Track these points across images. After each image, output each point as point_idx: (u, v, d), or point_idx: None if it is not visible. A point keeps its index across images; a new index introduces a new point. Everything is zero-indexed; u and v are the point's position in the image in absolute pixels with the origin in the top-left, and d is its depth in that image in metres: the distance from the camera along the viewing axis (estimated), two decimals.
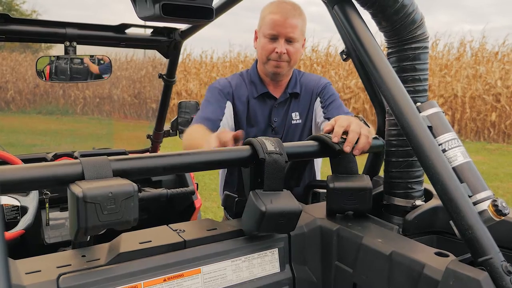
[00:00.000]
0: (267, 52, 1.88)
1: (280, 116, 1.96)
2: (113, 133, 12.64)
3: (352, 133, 1.28)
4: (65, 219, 2.46)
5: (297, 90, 1.98)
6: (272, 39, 1.85)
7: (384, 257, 1.09)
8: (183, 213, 2.72)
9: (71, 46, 2.14)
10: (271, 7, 1.87)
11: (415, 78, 1.32)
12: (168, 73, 2.70)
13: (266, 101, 1.97)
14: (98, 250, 1.03)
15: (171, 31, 2.46)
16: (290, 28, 1.83)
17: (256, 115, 1.96)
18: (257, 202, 1.09)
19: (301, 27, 1.87)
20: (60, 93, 15.37)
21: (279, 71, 1.90)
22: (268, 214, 1.07)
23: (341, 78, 13.51)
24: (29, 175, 0.92)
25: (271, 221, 1.09)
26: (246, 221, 1.14)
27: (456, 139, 1.12)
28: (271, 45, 1.86)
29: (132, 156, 1.06)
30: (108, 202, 0.89)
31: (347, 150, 1.26)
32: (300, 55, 1.95)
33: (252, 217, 1.10)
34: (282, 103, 1.97)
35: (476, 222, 0.98)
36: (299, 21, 1.85)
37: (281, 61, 1.87)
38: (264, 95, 1.96)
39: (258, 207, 1.08)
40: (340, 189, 1.26)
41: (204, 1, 1.02)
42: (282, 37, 1.84)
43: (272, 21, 1.83)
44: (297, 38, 1.86)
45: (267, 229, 1.13)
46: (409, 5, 1.22)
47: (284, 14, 1.82)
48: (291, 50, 1.86)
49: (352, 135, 1.28)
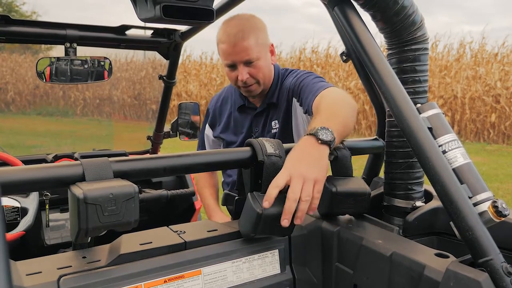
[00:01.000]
0: (232, 81, 1.84)
1: (260, 126, 1.93)
2: (113, 134, 12.64)
3: (289, 201, 1.04)
4: (65, 220, 2.46)
5: (274, 100, 1.90)
6: (231, 67, 1.80)
7: (385, 258, 1.09)
8: (184, 214, 2.72)
9: (72, 47, 2.14)
10: (220, 34, 1.80)
11: (415, 79, 1.32)
12: (168, 75, 2.70)
13: (247, 111, 1.96)
14: (99, 251, 1.03)
15: (171, 33, 2.46)
16: (242, 53, 1.74)
17: (239, 126, 1.97)
18: (254, 204, 1.07)
19: (256, 43, 1.76)
20: (60, 94, 15.37)
21: (252, 94, 1.86)
22: (264, 217, 1.06)
23: (341, 79, 13.52)
24: (30, 177, 0.92)
25: (267, 224, 1.07)
26: (243, 223, 1.12)
27: (456, 140, 1.12)
28: (233, 74, 1.80)
29: (132, 158, 1.07)
30: (109, 204, 0.90)
31: (285, 225, 1.04)
32: (268, 67, 1.85)
33: (249, 220, 1.09)
34: (261, 113, 1.93)
35: (476, 223, 0.98)
36: (251, 39, 1.74)
37: (249, 86, 1.81)
38: (243, 106, 1.95)
39: (254, 209, 1.06)
40: (342, 194, 1.22)
41: (205, 2, 1.02)
42: (239, 63, 1.76)
43: (223, 51, 1.77)
44: (254, 57, 1.76)
45: (264, 232, 1.10)
46: (409, 6, 1.22)
47: (232, 41, 1.73)
48: (253, 71, 1.78)
49: (288, 205, 1.03)
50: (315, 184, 1.07)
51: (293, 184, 1.05)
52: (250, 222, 1.08)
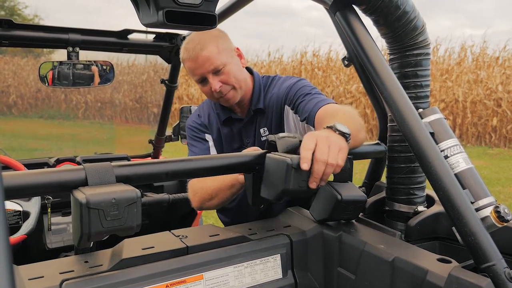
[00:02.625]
0: (208, 95, 1.78)
1: (250, 137, 1.85)
2: (115, 137, 12.65)
3: (318, 164, 1.09)
4: (67, 224, 2.46)
5: (261, 106, 1.81)
6: (202, 83, 1.74)
7: (387, 263, 1.09)
8: (185, 218, 2.72)
9: (74, 51, 2.15)
10: (181, 54, 1.74)
11: (417, 84, 1.32)
12: (170, 78, 2.71)
13: (234, 123, 1.87)
14: (101, 256, 1.03)
15: (173, 37, 2.47)
16: (206, 63, 1.67)
17: (229, 140, 1.88)
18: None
19: (217, 50, 1.69)
20: (62, 97, 15.39)
21: (231, 102, 1.77)
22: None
23: (342, 83, 13.52)
24: (33, 181, 0.93)
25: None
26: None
27: (458, 145, 1.12)
28: (206, 88, 1.74)
29: (135, 162, 1.07)
30: (111, 208, 0.90)
31: (313, 187, 1.11)
32: (239, 70, 1.77)
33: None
34: (248, 122, 1.84)
35: (479, 229, 0.98)
36: (210, 47, 1.67)
37: (225, 94, 1.73)
38: (229, 119, 1.86)
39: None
40: (346, 202, 1.20)
41: (207, 8, 1.03)
42: (207, 74, 1.69)
43: (188, 69, 1.73)
44: (220, 64, 1.68)
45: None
46: (411, 12, 1.23)
47: (193, 56, 1.68)
48: (224, 78, 1.70)
49: (317, 167, 1.09)
50: (340, 150, 1.12)
51: (320, 146, 1.10)
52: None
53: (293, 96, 1.72)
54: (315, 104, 1.60)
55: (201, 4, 1.01)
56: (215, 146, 1.89)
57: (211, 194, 1.61)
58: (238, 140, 1.87)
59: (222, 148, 1.89)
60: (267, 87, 1.86)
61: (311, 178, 1.10)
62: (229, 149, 1.88)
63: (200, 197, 1.66)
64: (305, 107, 1.64)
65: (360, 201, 1.24)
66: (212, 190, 1.60)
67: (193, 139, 1.90)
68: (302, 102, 1.67)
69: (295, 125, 1.74)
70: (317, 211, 1.25)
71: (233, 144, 1.87)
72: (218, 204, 1.65)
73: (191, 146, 1.90)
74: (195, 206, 1.71)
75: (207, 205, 1.67)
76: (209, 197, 1.63)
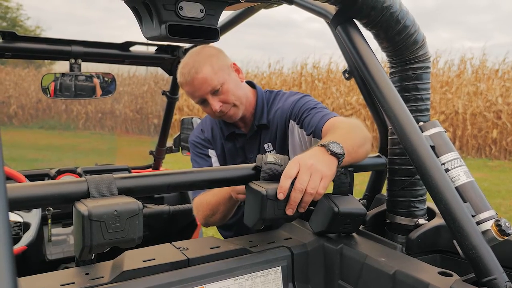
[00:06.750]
0: (211, 115, 1.78)
1: (254, 152, 1.84)
2: (115, 148, 12.65)
3: (295, 192, 1.10)
4: (67, 235, 2.46)
5: (264, 121, 1.80)
6: (202, 104, 1.73)
7: (388, 276, 1.09)
8: (185, 230, 2.71)
9: (76, 63, 2.17)
10: (178, 78, 1.74)
11: (418, 97, 1.33)
12: (172, 90, 2.72)
13: (237, 139, 1.86)
14: (102, 268, 1.03)
15: (175, 49, 2.49)
16: (203, 86, 1.66)
17: (233, 154, 1.88)
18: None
19: (212, 70, 1.67)
20: (63, 108, 15.42)
21: (234, 118, 1.77)
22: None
23: (342, 95, 13.57)
24: (35, 193, 0.93)
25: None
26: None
27: (458, 159, 1.13)
28: (208, 109, 1.74)
29: (136, 174, 1.07)
30: (113, 220, 0.90)
31: (290, 213, 1.13)
32: (238, 86, 1.75)
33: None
34: (252, 137, 1.83)
35: (480, 242, 0.98)
36: (205, 69, 1.65)
37: (227, 112, 1.72)
38: (233, 134, 1.85)
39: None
40: (343, 214, 1.19)
41: (210, 21, 1.04)
42: (206, 96, 1.68)
43: (187, 93, 1.73)
44: (217, 84, 1.66)
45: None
46: (411, 26, 1.24)
47: (189, 80, 1.67)
48: (223, 98, 1.69)
49: (294, 195, 1.11)
50: (322, 179, 1.12)
51: (301, 174, 1.11)
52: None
53: (298, 110, 1.72)
54: (321, 118, 1.61)
55: (203, 18, 1.02)
56: (219, 161, 1.89)
57: (212, 209, 1.63)
58: (241, 155, 1.86)
59: (225, 162, 1.89)
60: (270, 102, 1.85)
61: (288, 205, 1.12)
62: (232, 164, 1.87)
63: (203, 214, 1.68)
64: (311, 121, 1.64)
65: (358, 214, 1.23)
66: (212, 205, 1.62)
67: (197, 155, 1.91)
68: (307, 116, 1.67)
69: (300, 140, 1.74)
70: (315, 223, 1.25)
71: (237, 159, 1.87)
72: (221, 219, 1.65)
73: (194, 162, 1.91)
74: (201, 223, 1.74)
75: (211, 221, 1.69)
76: (211, 213, 1.64)
